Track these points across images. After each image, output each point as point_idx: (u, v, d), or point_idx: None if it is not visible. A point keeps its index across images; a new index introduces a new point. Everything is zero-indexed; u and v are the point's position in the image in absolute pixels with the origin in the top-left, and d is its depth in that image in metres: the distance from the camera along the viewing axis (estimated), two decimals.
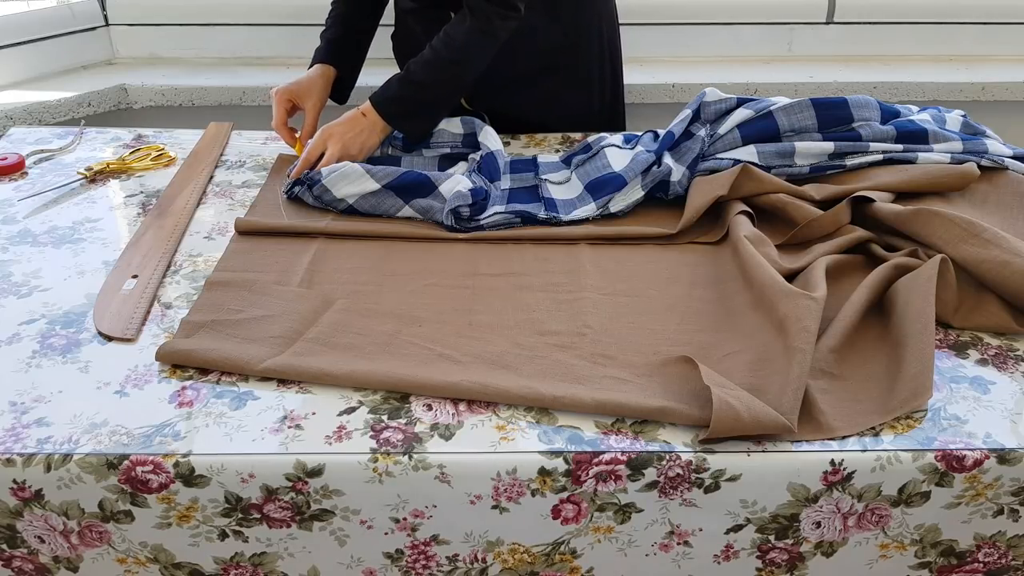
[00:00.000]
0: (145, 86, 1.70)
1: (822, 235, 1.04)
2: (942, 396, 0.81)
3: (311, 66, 1.35)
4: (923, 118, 1.20)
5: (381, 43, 1.48)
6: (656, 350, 0.86)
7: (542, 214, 1.10)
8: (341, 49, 1.36)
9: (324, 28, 1.39)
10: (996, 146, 1.17)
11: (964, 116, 1.23)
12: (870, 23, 1.86)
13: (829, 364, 0.83)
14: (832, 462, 0.74)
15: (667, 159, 1.14)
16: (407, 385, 0.80)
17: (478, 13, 1.19)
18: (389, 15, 1.44)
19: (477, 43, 1.21)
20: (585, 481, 0.74)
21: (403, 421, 0.77)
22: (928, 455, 0.74)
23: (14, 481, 0.73)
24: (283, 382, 0.82)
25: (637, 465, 0.74)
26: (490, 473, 0.74)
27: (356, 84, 1.41)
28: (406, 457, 0.73)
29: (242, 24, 1.81)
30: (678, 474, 0.74)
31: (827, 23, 1.86)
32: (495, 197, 1.14)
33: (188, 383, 0.82)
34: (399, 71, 1.28)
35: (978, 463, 0.74)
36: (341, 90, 1.37)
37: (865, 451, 0.74)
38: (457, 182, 1.11)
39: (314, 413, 0.78)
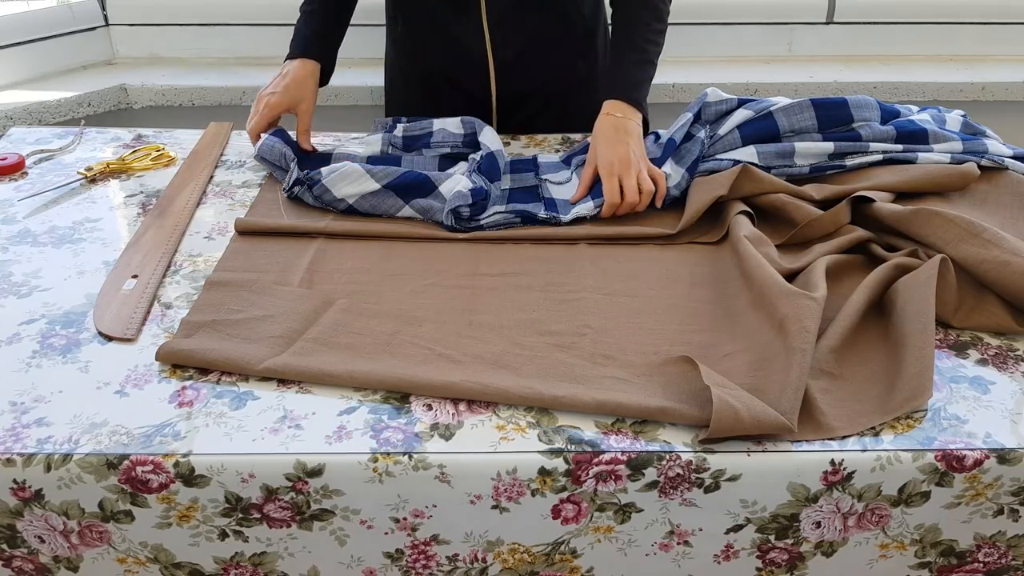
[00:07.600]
0: (145, 86, 1.71)
1: (822, 235, 1.04)
2: (942, 396, 0.81)
3: (291, 57, 1.31)
4: (923, 118, 1.20)
5: (379, 42, 1.48)
6: (656, 350, 0.86)
7: (542, 214, 1.10)
8: (324, 41, 1.34)
9: (301, 20, 1.35)
10: (996, 146, 1.17)
11: (964, 116, 1.23)
12: (870, 23, 1.87)
13: (829, 364, 0.83)
14: (832, 462, 0.74)
15: (667, 166, 1.14)
16: (407, 385, 0.80)
17: None
18: (381, 16, 1.43)
19: (666, 4, 1.29)
20: (585, 481, 0.74)
21: (403, 421, 0.77)
22: (928, 455, 0.74)
23: (14, 481, 0.73)
24: (283, 382, 0.82)
25: (637, 465, 0.74)
26: (490, 473, 0.74)
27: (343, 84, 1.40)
28: (406, 457, 0.73)
29: (242, 24, 1.81)
30: (678, 474, 0.74)
31: (827, 23, 1.86)
32: (495, 197, 1.14)
33: (188, 383, 0.82)
34: (613, 55, 1.27)
35: (978, 463, 0.74)
36: (323, 77, 1.34)
37: (865, 451, 0.74)
38: (457, 182, 1.11)
39: (314, 413, 0.78)
